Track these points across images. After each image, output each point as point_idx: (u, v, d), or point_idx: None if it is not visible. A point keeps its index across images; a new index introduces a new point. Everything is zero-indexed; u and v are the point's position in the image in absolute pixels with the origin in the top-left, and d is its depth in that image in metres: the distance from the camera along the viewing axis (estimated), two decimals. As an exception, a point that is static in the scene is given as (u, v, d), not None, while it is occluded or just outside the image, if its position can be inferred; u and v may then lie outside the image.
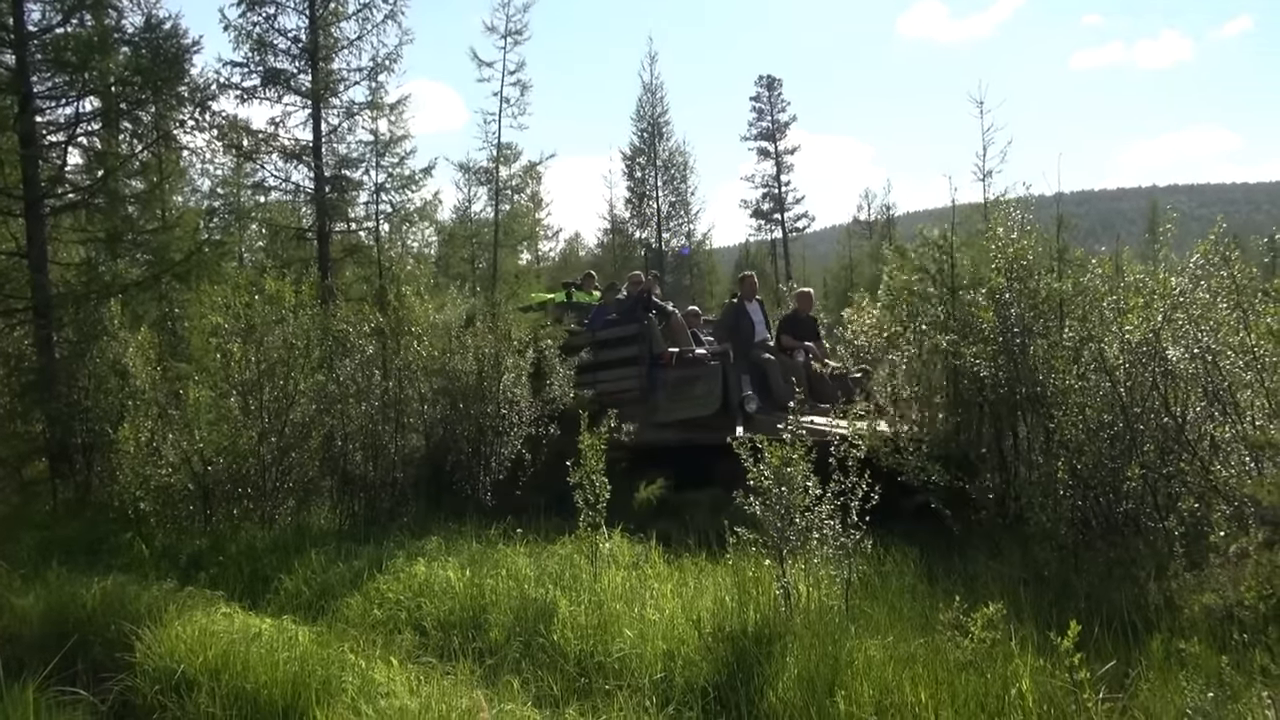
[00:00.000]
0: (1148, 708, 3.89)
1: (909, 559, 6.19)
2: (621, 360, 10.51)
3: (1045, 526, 5.86)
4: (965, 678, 4.12)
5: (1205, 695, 3.38)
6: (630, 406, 9.80)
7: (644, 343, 10.26)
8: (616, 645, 4.88)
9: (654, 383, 9.99)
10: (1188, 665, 4.14)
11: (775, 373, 9.58)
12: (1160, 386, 6.12)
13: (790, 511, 5.58)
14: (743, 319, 10.49)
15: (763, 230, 41.11)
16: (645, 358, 10.19)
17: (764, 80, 40.81)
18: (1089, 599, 5.16)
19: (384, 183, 20.48)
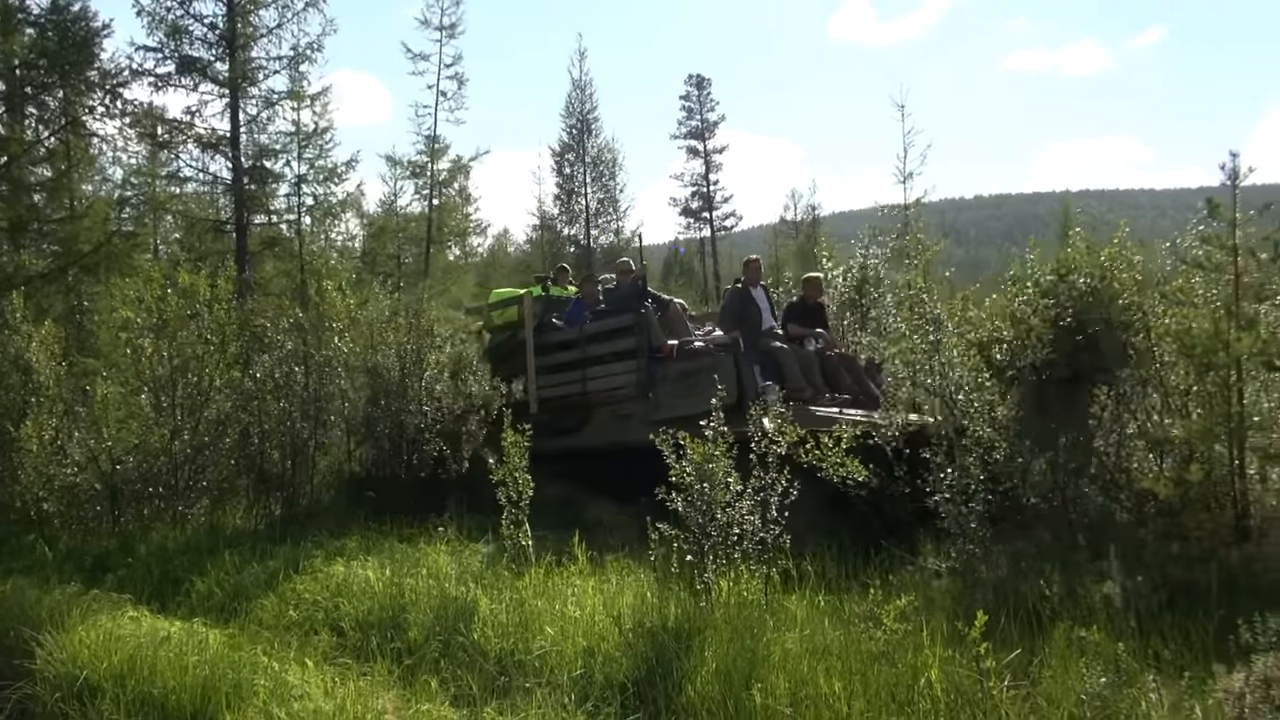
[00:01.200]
0: (1049, 694, 4.03)
1: (828, 554, 6.30)
2: (615, 354, 9.68)
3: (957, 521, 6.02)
4: (878, 668, 4.23)
5: (1099, 681, 3.51)
6: (626, 404, 9.27)
7: (641, 334, 9.46)
8: (537, 643, 4.87)
9: (653, 377, 9.25)
10: (1087, 653, 4.30)
11: (790, 362, 8.96)
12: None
13: (711, 508, 5.63)
14: (749, 306, 9.75)
15: (691, 228, 41.40)
16: (643, 350, 9.38)
17: (694, 79, 41.08)
18: (997, 590, 5.33)
19: (306, 175, 20.10)
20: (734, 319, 9.68)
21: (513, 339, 10.68)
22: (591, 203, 34.20)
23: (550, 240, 34.67)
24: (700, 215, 40.64)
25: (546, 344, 10.32)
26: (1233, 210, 5.58)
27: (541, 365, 10.20)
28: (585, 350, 9.88)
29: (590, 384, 9.73)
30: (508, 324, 10.86)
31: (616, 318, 9.86)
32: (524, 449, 6.48)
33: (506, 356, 10.63)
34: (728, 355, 8.80)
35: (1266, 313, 5.63)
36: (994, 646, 4.14)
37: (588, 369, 9.81)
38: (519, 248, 38.44)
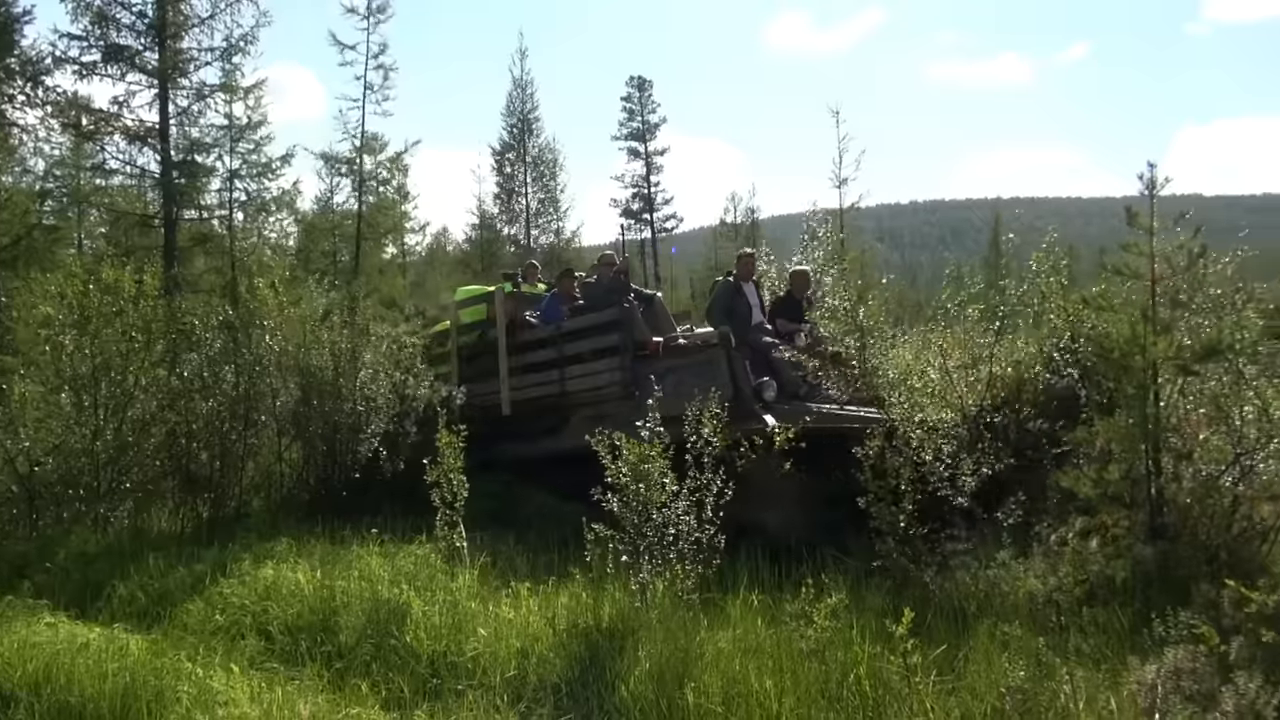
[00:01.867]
0: (973, 688, 4.14)
1: (763, 553, 6.36)
2: (596, 352, 9.18)
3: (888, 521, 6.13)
4: (808, 666, 4.29)
5: (1018, 674, 3.60)
6: (609, 405, 8.65)
7: (625, 330, 8.95)
8: (470, 644, 4.84)
9: (639, 376, 8.66)
10: (1010, 647, 4.42)
11: (782, 358, 8.68)
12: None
13: (647, 508, 5.66)
14: (739, 300, 9.36)
15: (632, 229, 41.41)
16: (627, 347, 8.89)
17: (635, 81, 41.10)
18: (925, 588, 5.45)
19: (239, 169, 19.66)
20: (724, 313, 9.30)
21: (482, 338, 10.31)
22: (532, 202, 34.02)
23: (490, 239, 34.40)
24: (641, 216, 40.69)
25: (520, 343, 9.89)
26: (1150, 219, 5.77)
27: (515, 365, 9.77)
28: (563, 348, 9.42)
29: (570, 384, 9.26)
30: (475, 323, 10.45)
31: (598, 313, 9.35)
32: (460, 450, 6.43)
33: (474, 357, 10.27)
34: (719, 351, 8.42)
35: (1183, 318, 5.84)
36: (921, 643, 4.23)
37: (566, 368, 9.35)
38: (458, 246, 38.05)
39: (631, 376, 8.66)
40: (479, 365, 10.09)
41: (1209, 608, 4.35)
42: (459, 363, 10.23)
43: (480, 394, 9.78)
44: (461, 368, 10.17)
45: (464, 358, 10.26)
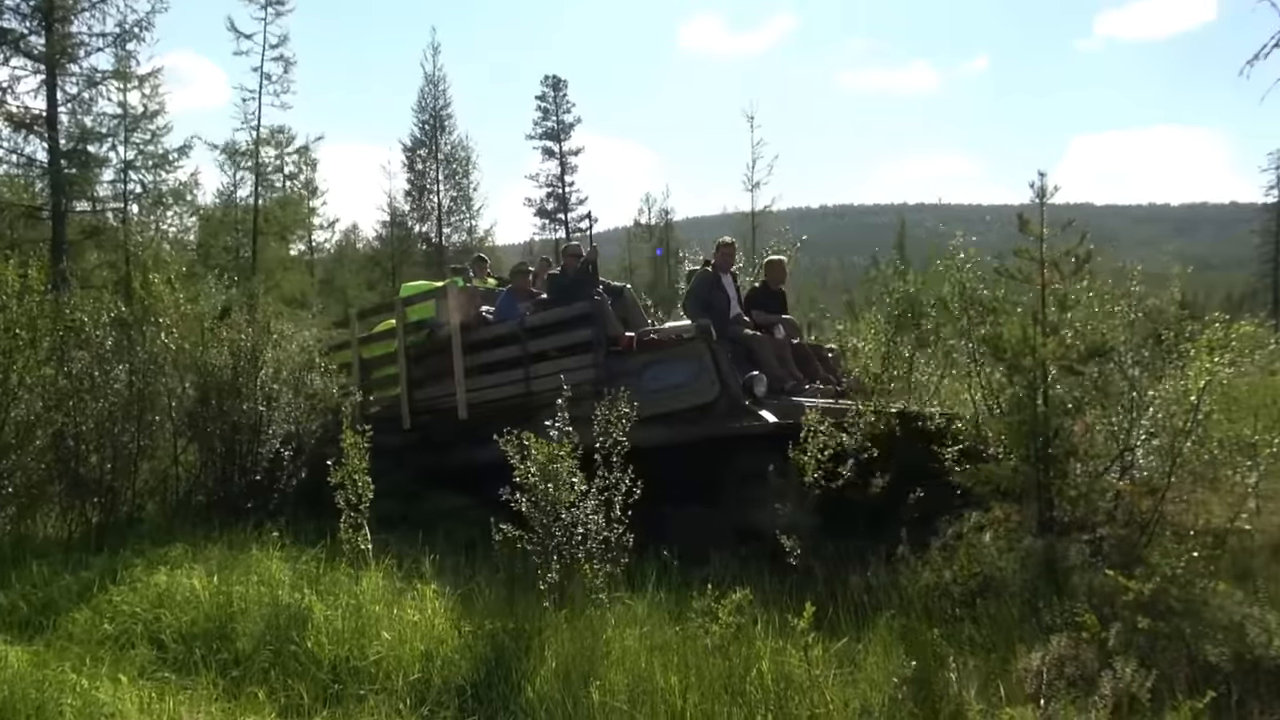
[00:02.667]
0: (872, 679, 4.25)
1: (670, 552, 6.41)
2: (565, 349, 8.63)
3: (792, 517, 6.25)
4: (712, 661, 4.35)
5: (910, 664, 3.72)
6: (582, 405, 8.07)
7: (598, 325, 8.43)
8: (373, 648, 4.76)
9: (614, 373, 8.20)
10: (907, 638, 4.57)
11: (766, 351, 8.33)
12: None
13: (556, 508, 5.65)
14: (717, 292, 8.88)
15: (547, 229, 41.29)
16: (601, 343, 8.38)
17: (550, 80, 40.99)
18: (827, 583, 5.58)
19: (134, 160, 18.87)
20: (701, 305, 8.76)
21: (431, 337, 9.66)
22: (444, 200, 33.57)
23: (401, 237, 33.81)
24: (556, 216, 40.60)
25: (476, 341, 9.23)
26: (1040, 225, 6.02)
27: (471, 365, 9.11)
28: (527, 345, 8.79)
29: (536, 383, 8.60)
30: (424, 320, 9.73)
31: (566, 307, 8.77)
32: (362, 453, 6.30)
33: (424, 357, 9.66)
34: (701, 345, 7.97)
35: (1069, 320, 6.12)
36: (823, 636, 4.33)
37: (531, 366, 8.73)
38: (368, 244, 37.30)
39: (606, 374, 8.21)
40: (429, 366, 9.56)
41: (1091, 597, 4.56)
42: (407, 363, 9.63)
43: (432, 397, 9.35)
44: (410, 369, 9.59)
45: (412, 358, 9.68)
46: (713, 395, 7.64)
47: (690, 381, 7.81)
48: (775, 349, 8.39)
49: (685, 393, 7.80)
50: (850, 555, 6.01)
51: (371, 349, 10.21)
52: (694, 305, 8.88)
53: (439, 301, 9.57)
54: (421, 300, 9.90)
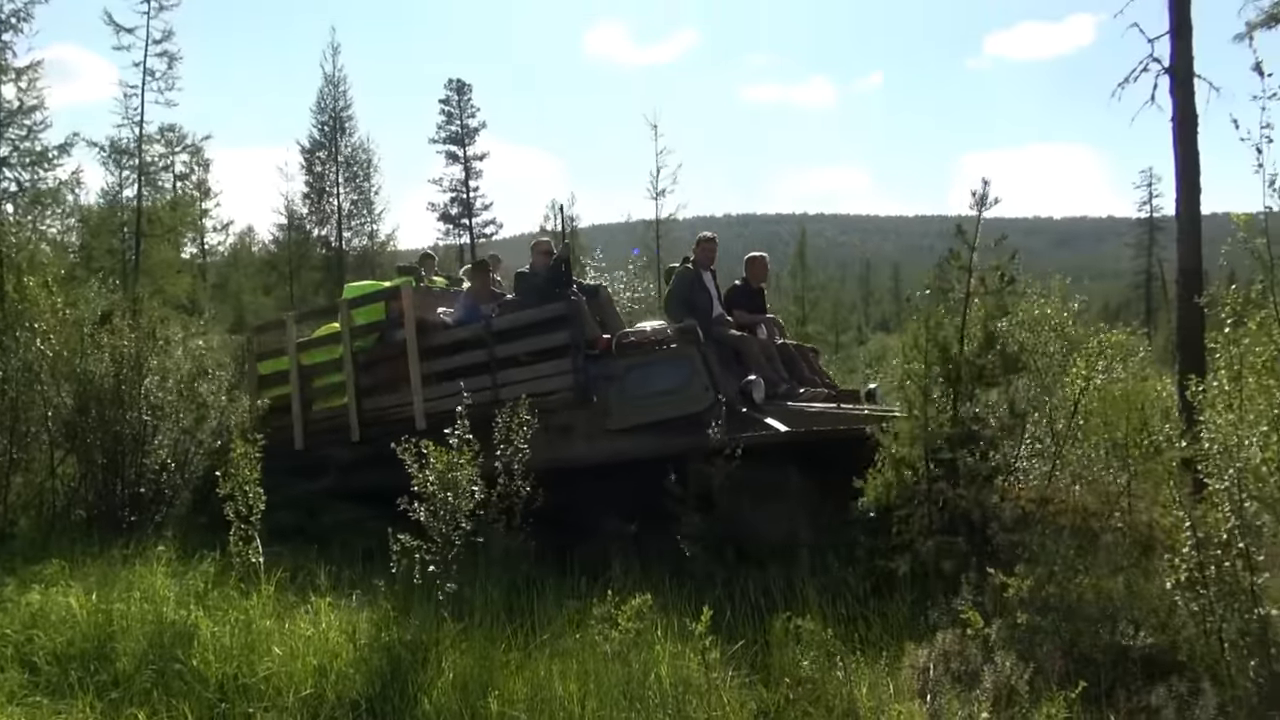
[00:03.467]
0: (767, 679, 4.33)
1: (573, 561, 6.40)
2: (539, 353, 8.04)
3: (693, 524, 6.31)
4: (611, 667, 4.35)
5: (806, 665, 3.80)
6: (560, 414, 7.64)
7: (575, 327, 7.84)
8: (264, 665, 4.61)
9: (593, 378, 7.72)
10: (803, 639, 4.66)
11: (754, 353, 7.87)
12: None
13: (455, 516, 5.57)
14: (699, 290, 8.34)
15: (450, 235, 40.79)
16: (579, 346, 7.81)
17: (454, 84, 40.55)
18: (726, 586, 5.65)
19: (8, 157, 17.88)
20: (684, 305, 8.23)
21: (381, 342, 9.05)
22: (344, 204, 32.83)
23: (299, 241, 32.90)
24: (460, 221, 40.14)
25: (433, 346, 8.59)
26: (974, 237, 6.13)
27: (428, 372, 8.47)
28: (495, 350, 8.18)
29: (506, 391, 7.79)
30: (372, 324, 9.12)
31: (539, 308, 8.17)
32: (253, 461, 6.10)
33: (373, 364, 8.98)
34: (690, 346, 7.53)
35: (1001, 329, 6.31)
36: (721, 639, 4.39)
37: (500, 373, 8.08)
38: (264, 247, 36.17)
39: (585, 379, 7.72)
40: (379, 373, 8.90)
41: (976, 594, 4.73)
42: (355, 370, 8.91)
43: (383, 406, 8.76)
44: (358, 376, 8.90)
45: (360, 365, 8.96)
46: (706, 402, 7.14)
47: (680, 387, 7.35)
48: (762, 350, 7.99)
49: (674, 399, 7.33)
50: (751, 559, 6.09)
51: (313, 355, 9.51)
52: (677, 305, 8.33)
53: (391, 304, 8.99)
54: (369, 302, 9.29)
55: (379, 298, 9.27)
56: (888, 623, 4.98)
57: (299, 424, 9.17)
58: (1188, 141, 8.23)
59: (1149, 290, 40.95)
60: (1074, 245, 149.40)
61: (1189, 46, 8.24)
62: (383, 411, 8.74)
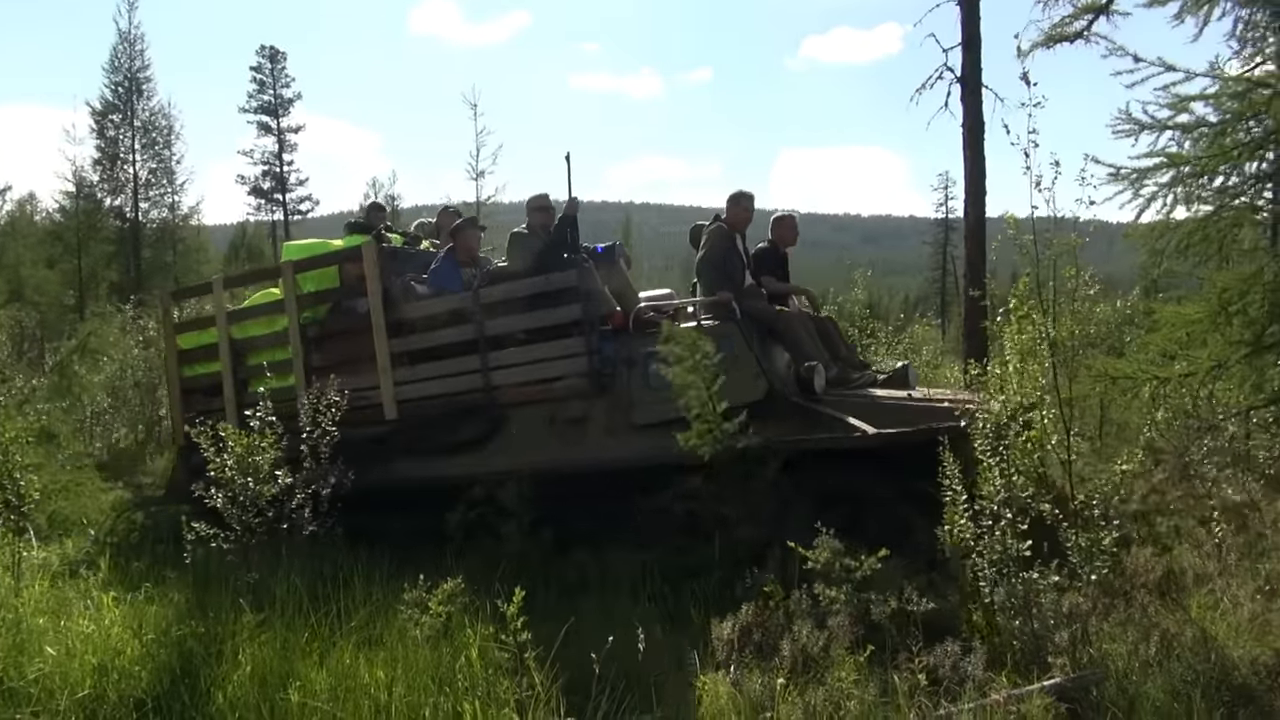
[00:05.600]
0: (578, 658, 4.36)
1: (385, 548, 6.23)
2: (541, 331, 6.86)
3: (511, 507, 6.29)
4: (422, 653, 4.28)
5: (608, 640, 3.87)
6: (573, 403, 6.60)
7: (589, 300, 6.63)
8: (35, 666, 4.23)
9: (608, 362, 6.60)
10: (615, 618, 4.74)
11: (796, 331, 6.76)
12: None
13: (256, 502, 5.33)
14: (734, 256, 7.13)
15: (263, 210, 38.71)
16: (593, 324, 6.63)
17: (266, 51, 38.36)
18: (542, 566, 5.68)
19: None
20: (721, 273, 7.00)
21: (337, 313, 7.71)
22: (141, 172, 30.43)
23: (90, 210, 30.23)
24: (272, 196, 38.14)
25: (404, 320, 7.27)
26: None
27: (399, 350, 7.23)
28: (484, 326, 6.91)
29: (499, 375, 6.84)
30: (325, 291, 7.75)
31: (541, 276, 6.86)
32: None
33: (327, 339, 7.64)
34: (730, 324, 6.46)
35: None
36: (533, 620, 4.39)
37: (491, 354, 6.89)
38: (48, 216, 33.04)
39: (600, 363, 6.59)
40: (334, 351, 7.53)
41: (780, 569, 4.96)
42: (305, 348, 7.53)
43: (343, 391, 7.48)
44: (308, 354, 7.54)
45: (310, 341, 7.59)
46: (758, 392, 6.04)
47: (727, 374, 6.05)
48: (802, 326, 6.93)
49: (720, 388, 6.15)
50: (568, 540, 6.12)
51: (246, 327, 8.10)
52: (715, 272, 7.04)
53: (348, 267, 7.60)
54: (320, 265, 7.85)
55: (333, 260, 7.83)
56: (698, 599, 5.13)
57: (232, 409, 7.68)
58: (976, 146, 8.93)
59: (944, 285, 44.13)
60: (880, 242, 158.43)
61: (978, 58, 8.92)
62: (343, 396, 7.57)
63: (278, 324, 7.75)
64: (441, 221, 8.77)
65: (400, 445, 7.00)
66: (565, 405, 6.59)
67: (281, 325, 7.67)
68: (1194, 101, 4.82)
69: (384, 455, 6.92)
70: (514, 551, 6.03)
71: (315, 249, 8.25)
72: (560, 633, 4.36)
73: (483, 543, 6.21)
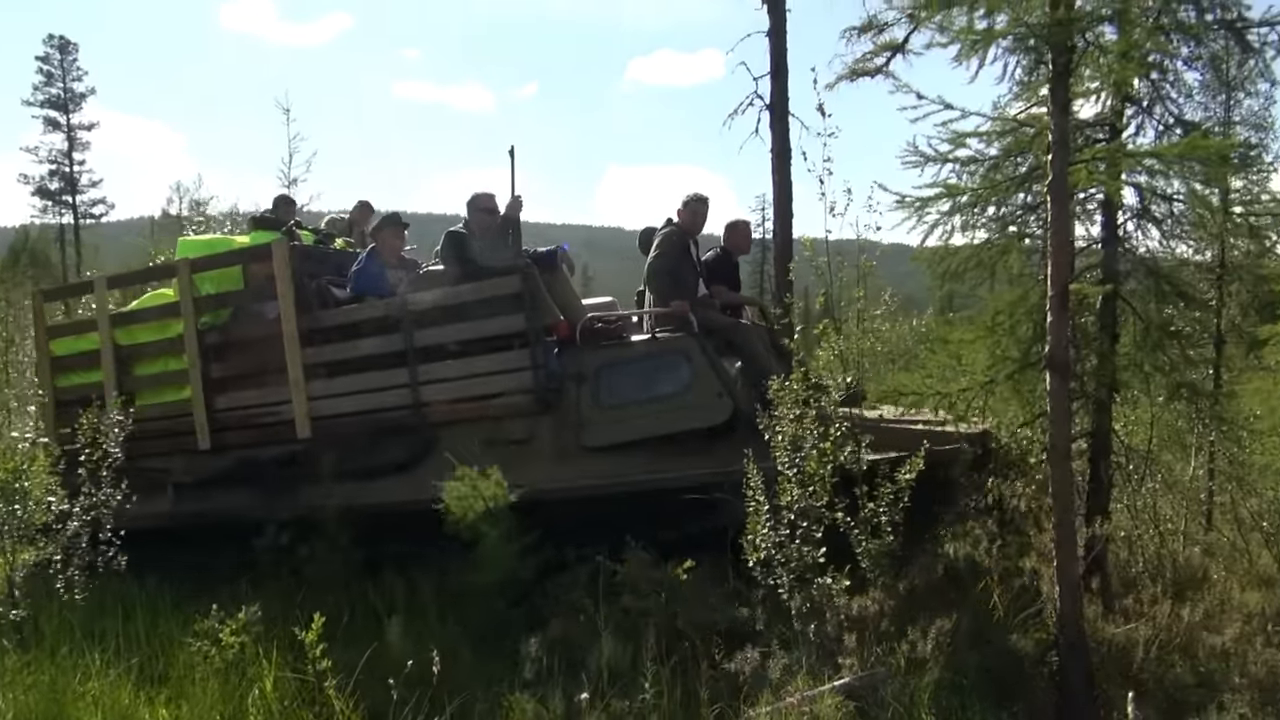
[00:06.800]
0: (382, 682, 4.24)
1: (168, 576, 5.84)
2: (478, 342, 6.18)
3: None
4: (211, 687, 4.05)
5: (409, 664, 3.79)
6: (516, 422, 6.00)
7: (534, 307, 6.01)
8: None
9: (557, 377, 6.01)
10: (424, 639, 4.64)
11: (753, 344, 6.29)
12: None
13: (29, 530, 4.90)
14: (686, 262, 6.57)
15: (49, 212, 35.68)
16: (538, 334, 6.00)
17: (55, 41, 35.56)
18: (347, 589, 5.48)
19: None
20: (673, 279, 6.42)
21: (239, 319, 6.91)
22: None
23: None
24: (60, 198, 35.24)
25: (319, 327, 6.53)
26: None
27: (313, 362, 6.46)
28: (413, 337, 6.23)
29: (429, 391, 6.20)
30: (226, 294, 6.92)
31: (484, 282, 6.18)
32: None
33: (227, 348, 6.84)
34: (688, 339, 5.93)
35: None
36: (340, 645, 4.23)
37: (420, 366, 6.22)
38: None
39: (548, 379, 6.00)
40: (239, 361, 6.80)
41: (591, 584, 5.00)
42: (202, 357, 6.70)
43: (244, 405, 6.69)
44: (206, 366, 6.70)
45: (208, 349, 6.75)
46: (723, 412, 5.53)
47: (680, 392, 5.75)
48: (759, 339, 6.49)
49: (673, 408, 5.73)
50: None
51: (133, 333, 7.15)
52: (663, 279, 6.49)
53: (254, 267, 6.79)
54: (220, 264, 6.99)
55: (236, 259, 6.97)
56: (497, 617, 5.08)
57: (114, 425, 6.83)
58: (783, 171, 9.36)
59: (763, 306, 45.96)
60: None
61: (785, 86, 9.37)
62: (246, 415, 6.70)
63: (171, 329, 6.94)
64: (355, 217, 8.14)
65: (313, 468, 6.30)
66: (507, 424, 6.02)
67: (175, 331, 6.87)
68: (970, 137, 5.25)
69: (291, 479, 6.36)
70: (322, 576, 5.78)
71: (216, 245, 7.38)
72: (362, 658, 4.24)
73: (286, 570, 5.91)
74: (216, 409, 6.70)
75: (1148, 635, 4.51)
